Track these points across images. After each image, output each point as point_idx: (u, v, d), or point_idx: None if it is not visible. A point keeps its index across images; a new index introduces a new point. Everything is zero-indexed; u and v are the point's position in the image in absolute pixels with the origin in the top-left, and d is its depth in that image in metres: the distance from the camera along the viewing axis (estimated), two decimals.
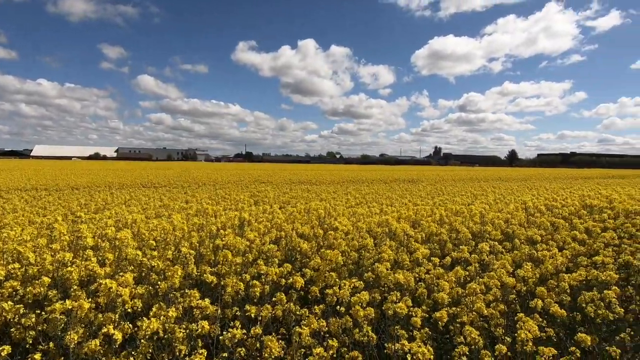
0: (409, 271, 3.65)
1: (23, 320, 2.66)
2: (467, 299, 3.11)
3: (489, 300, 3.15)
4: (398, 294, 2.99)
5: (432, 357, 2.53)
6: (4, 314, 2.55)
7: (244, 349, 2.71)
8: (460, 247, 4.21)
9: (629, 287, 3.96)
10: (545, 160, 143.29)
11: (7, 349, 2.33)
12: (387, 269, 3.45)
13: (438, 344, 3.10)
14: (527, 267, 3.81)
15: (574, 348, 2.74)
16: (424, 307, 3.18)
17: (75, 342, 2.33)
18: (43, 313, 2.72)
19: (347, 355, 2.41)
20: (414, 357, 2.31)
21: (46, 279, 2.73)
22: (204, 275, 3.25)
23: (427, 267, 3.81)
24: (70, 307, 2.40)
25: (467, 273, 3.67)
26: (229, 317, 3.12)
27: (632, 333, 3.30)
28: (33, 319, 2.69)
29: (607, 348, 3.05)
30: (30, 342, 2.68)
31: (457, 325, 2.86)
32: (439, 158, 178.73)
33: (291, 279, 3.34)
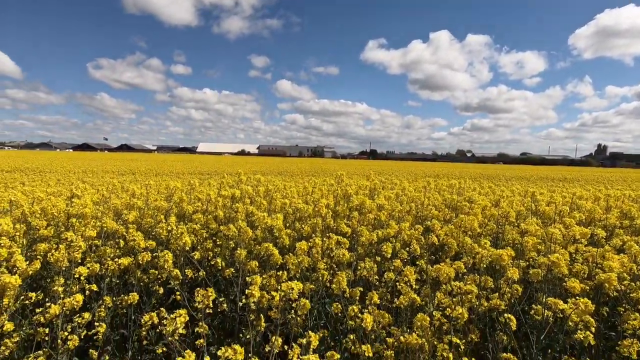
0: (562, 247, 3.21)
1: (205, 243, 3.42)
2: None
3: None
4: (543, 258, 2.67)
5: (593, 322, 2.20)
6: (191, 236, 3.32)
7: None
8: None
9: None
10: None
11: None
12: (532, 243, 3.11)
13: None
14: None
15: None
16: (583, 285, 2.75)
17: (243, 258, 2.86)
18: (217, 240, 3.45)
19: (486, 303, 2.29)
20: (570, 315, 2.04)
21: (220, 212, 3.42)
22: (340, 226, 3.53)
23: (585, 246, 3.28)
24: (237, 230, 2.96)
25: None
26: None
27: None
28: (210, 244, 3.43)
29: None
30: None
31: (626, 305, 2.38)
32: (603, 158, 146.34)
33: (423, 240, 3.34)
